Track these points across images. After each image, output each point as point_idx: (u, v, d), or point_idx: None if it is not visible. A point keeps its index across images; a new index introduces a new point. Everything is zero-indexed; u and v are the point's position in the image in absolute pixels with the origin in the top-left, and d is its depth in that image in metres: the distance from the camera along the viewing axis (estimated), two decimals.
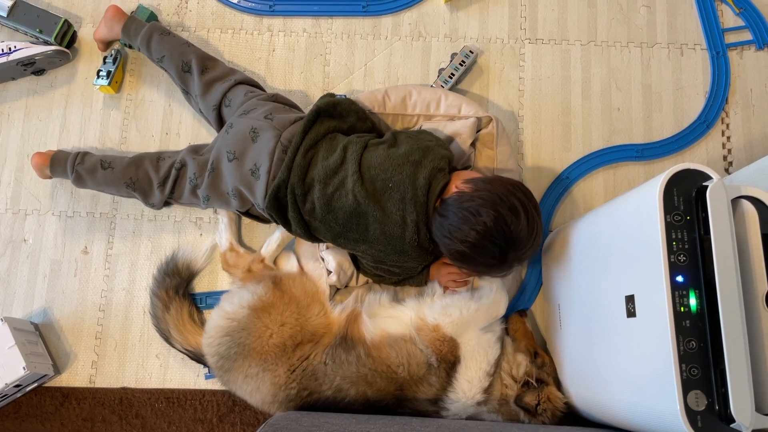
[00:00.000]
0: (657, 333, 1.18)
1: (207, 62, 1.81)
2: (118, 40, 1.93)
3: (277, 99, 1.72)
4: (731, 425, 1.11)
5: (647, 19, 1.97)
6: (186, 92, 1.85)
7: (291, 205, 1.53)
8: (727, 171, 1.85)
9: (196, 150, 1.72)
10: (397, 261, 1.56)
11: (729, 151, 1.87)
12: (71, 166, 1.74)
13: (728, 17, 1.97)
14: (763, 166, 1.49)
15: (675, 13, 1.97)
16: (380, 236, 1.50)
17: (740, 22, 1.96)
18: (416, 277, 1.64)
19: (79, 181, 1.76)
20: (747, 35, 1.95)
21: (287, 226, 1.60)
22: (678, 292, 1.17)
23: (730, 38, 1.95)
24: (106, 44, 1.95)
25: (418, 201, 1.46)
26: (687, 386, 1.12)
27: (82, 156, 1.76)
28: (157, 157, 1.74)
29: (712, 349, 1.14)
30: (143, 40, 1.83)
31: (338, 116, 1.63)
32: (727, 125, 1.89)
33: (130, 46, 1.93)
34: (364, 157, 1.52)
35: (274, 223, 1.67)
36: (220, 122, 1.77)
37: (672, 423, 1.13)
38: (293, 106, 1.75)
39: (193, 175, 1.66)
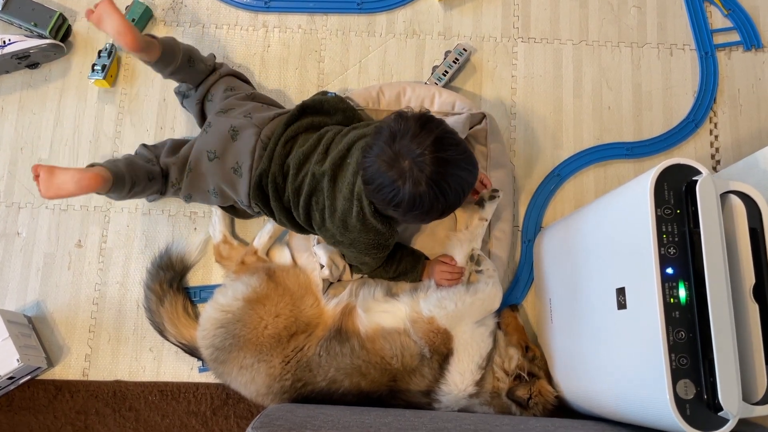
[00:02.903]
0: (647, 324, 1.20)
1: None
2: None
3: (255, 98, 1.71)
4: (719, 413, 1.13)
5: (638, 19, 2.00)
6: (184, 95, 1.79)
7: (272, 194, 1.55)
8: (714, 169, 1.88)
9: (175, 148, 1.67)
10: (347, 240, 1.51)
11: (717, 149, 1.90)
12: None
13: (717, 18, 2.00)
14: (750, 164, 1.52)
15: (665, 14, 2.00)
16: (328, 211, 1.47)
17: (728, 24, 1.99)
18: (411, 274, 1.65)
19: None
20: (735, 36, 1.98)
21: (272, 215, 1.61)
22: (668, 284, 1.19)
23: (719, 39, 1.98)
24: None
25: None
26: (676, 375, 1.15)
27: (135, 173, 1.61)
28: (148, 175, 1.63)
29: (701, 339, 1.17)
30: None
31: (324, 113, 1.64)
32: (715, 124, 1.92)
33: None
34: (334, 141, 1.53)
35: (258, 218, 1.64)
36: (202, 117, 1.75)
37: (662, 411, 1.15)
38: (271, 104, 1.73)
39: (175, 179, 1.63)
